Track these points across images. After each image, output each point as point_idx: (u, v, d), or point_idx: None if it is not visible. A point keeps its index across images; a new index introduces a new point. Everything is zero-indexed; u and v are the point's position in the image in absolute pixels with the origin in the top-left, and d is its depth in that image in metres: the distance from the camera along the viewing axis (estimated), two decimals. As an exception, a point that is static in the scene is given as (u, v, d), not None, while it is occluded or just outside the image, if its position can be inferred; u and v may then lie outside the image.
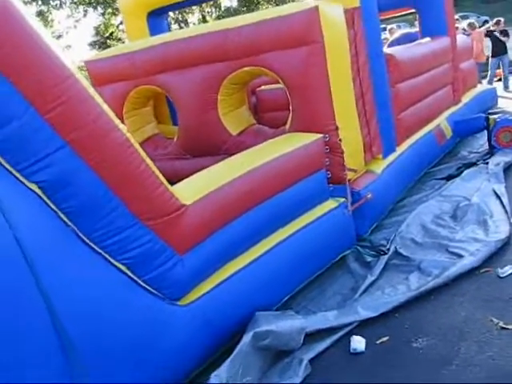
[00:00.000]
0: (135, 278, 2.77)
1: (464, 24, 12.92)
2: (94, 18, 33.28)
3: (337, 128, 4.36)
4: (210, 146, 4.99)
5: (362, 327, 3.40)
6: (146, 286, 2.83)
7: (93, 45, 32.27)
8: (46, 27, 27.37)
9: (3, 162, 2.32)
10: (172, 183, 3.24)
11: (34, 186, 2.40)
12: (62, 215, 2.49)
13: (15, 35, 2.28)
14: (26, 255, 2.25)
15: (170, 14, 28.45)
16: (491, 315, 3.23)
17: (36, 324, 2.28)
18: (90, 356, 2.43)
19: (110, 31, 31.17)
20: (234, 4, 33.93)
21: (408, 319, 3.40)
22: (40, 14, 27.94)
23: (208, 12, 31.87)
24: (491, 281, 3.64)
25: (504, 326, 3.10)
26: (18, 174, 2.36)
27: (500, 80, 12.04)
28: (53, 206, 2.46)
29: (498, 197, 4.97)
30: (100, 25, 31.69)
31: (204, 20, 30.84)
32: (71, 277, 2.45)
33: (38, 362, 2.27)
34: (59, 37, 29.66)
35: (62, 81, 2.39)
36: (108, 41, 30.66)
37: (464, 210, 4.90)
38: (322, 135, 4.22)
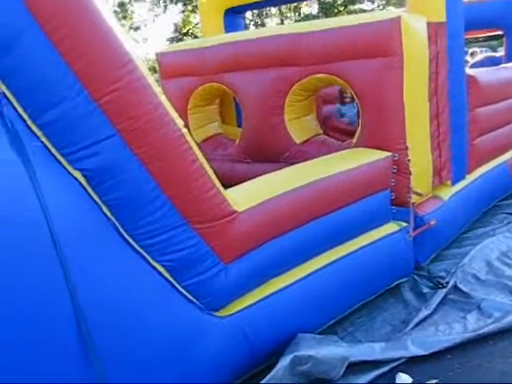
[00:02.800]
0: (174, 283, 2.61)
1: None
2: (173, 14, 33.88)
3: (407, 148, 4.11)
4: (271, 152, 4.83)
5: (409, 364, 3.14)
6: (185, 293, 2.66)
7: (171, 40, 32.79)
8: (126, 19, 27.99)
9: (48, 145, 2.20)
10: (229, 186, 3.08)
11: (77, 174, 2.27)
12: (104, 208, 2.36)
13: (78, 13, 2.16)
14: (56, 245, 2.10)
15: (249, 16, 28.61)
16: (554, 372, 2.93)
17: (57, 319, 2.14)
18: (110, 360, 2.26)
19: (188, 28, 31.61)
20: (314, 11, 33.75)
21: (461, 363, 3.12)
22: (121, 4, 28.59)
23: (287, 17, 31.87)
24: (558, 333, 3.32)
25: None
26: (62, 159, 2.24)
27: None
28: (95, 197, 2.33)
29: None
30: (179, 21, 32.18)
31: (282, 24, 30.78)
32: (103, 273, 2.30)
33: (52, 359, 2.13)
34: (137, 29, 30.28)
35: (120, 66, 2.26)
36: (185, 37, 31.06)
37: (533, 250, 4.56)
38: (391, 153, 3.98)
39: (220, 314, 2.85)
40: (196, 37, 30.46)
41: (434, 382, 2.97)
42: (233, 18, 6.63)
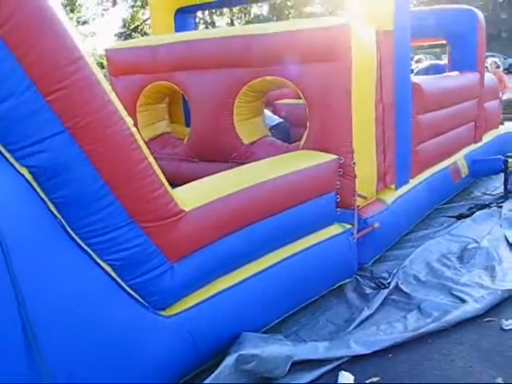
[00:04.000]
0: (120, 282, 2.60)
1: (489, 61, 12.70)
2: (123, 9, 33.45)
3: (352, 151, 4.20)
4: (219, 152, 4.85)
5: (351, 363, 3.20)
6: (131, 291, 2.66)
7: (119, 36, 32.37)
8: (73, 12, 27.46)
9: (-5, 141, 2.17)
10: (175, 185, 3.08)
11: (24, 171, 2.24)
12: (51, 205, 2.33)
13: (28, 8, 2.13)
14: (1, 243, 2.07)
15: (199, 14, 28.50)
16: (490, 369, 3.04)
17: (1, 318, 2.11)
18: (55, 360, 2.24)
19: (136, 24, 31.24)
20: (265, 12, 33.91)
21: (402, 361, 3.20)
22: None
23: (237, 17, 31.91)
24: (494, 332, 3.44)
25: (503, 383, 2.91)
26: (8, 156, 2.20)
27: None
28: (42, 195, 2.30)
29: (509, 244, 4.79)
30: (128, 17, 31.79)
31: (232, 24, 30.81)
32: (49, 271, 2.27)
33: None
34: (85, 23, 29.76)
35: (70, 62, 2.24)
36: (134, 33, 30.71)
37: (472, 252, 4.72)
38: (336, 156, 4.06)
39: (165, 314, 2.85)
40: (145, 33, 30.17)
41: (375, 379, 3.05)
42: (183, 17, 6.62)
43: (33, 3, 2.14)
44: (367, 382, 3.04)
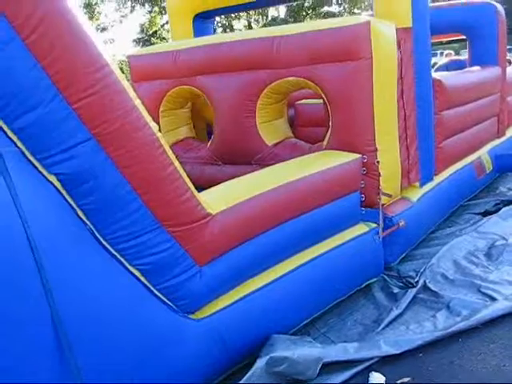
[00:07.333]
0: (149, 286, 2.62)
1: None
2: (140, 14, 33.63)
3: (376, 149, 4.18)
4: (243, 155, 4.85)
5: (382, 363, 3.18)
6: (160, 296, 2.67)
7: (137, 41, 32.58)
8: (92, 19, 27.73)
9: (24, 150, 2.19)
10: (200, 189, 3.10)
11: (53, 178, 2.26)
12: (80, 212, 2.35)
13: (55, 16, 2.16)
14: (33, 250, 2.09)
15: (217, 18, 28.62)
16: (524, 368, 3.01)
17: (34, 322, 2.13)
18: (86, 362, 2.26)
19: (154, 29, 31.40)
20: (282, 14, 33.88)
21: (432, 361, 3.18)
22: (88, 5, 28.30)
23: (255, 19, 31.93)
24: (526, 330, 3.41)
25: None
26: (37, 164, 2.22)
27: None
28: (71, 202, 2.32)
29: (538, 240, 4.74)
30: (145, 22, 31.95)
31: (250, 27, 30.86)
32: (80, 277, 2.30)
33: (29, 360, 2.13)
34: (104, 30, 30.02)
35: (95, 70, 2.25)
36: (152, 39, 30.88)
37: (500, 249, 4.67)
38: (360, 155, 4.04)
39: (195, 317, 2.86)
40: (163, 38, 30.32)
41: (406, 380, 3.02)
42: (202, 22, 6.62)
43: (59, 12, 2.16)
44: (398, 382, 3.02)
